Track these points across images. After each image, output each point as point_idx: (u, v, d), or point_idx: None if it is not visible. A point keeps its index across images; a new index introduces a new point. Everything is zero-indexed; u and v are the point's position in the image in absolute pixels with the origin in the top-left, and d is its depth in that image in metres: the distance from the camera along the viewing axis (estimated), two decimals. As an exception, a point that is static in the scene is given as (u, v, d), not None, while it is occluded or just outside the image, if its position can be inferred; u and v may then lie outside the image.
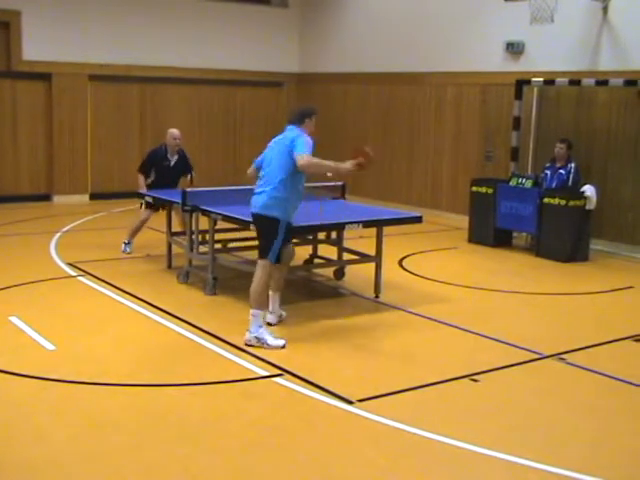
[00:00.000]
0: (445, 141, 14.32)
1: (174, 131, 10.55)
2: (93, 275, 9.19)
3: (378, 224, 8.61)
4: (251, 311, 6.93)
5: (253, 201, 7.10)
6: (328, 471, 4.80)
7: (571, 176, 11.17)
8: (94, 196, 15.28)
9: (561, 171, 11.27)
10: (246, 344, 6.86)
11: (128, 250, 10.46)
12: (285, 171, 6.95)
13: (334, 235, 9.44)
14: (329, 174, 7.48)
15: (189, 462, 4.79)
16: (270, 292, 7.36)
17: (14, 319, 7.44)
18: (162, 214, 9.87)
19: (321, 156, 7.05)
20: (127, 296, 8.39)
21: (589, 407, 5.92)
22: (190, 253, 9.00)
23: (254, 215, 7.11)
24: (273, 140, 7.33)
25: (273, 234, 6.94)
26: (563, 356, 6.87)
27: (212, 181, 15.23)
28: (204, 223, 8.83)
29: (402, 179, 15.12)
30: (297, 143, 6.89)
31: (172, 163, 10.50)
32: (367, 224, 8.43)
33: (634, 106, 11.37)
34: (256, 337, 6.86)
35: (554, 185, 11.25)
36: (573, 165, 11.25)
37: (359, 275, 9.29)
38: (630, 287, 9.57)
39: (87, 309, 8.00)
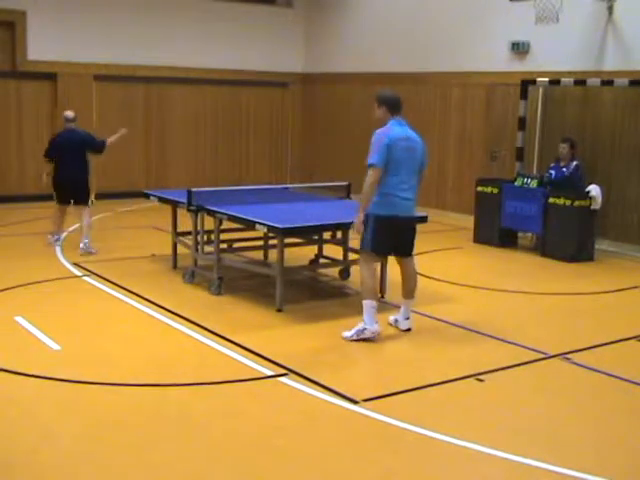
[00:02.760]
0: (450, 141, 14.32)
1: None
2: (98, 275, 9.20)
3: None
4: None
5: (405, 207, 7.16)
6: (333, 471, 4.80)
7: (570, 171, 11.16)
8: (99, 196, 15.21)
9: (564, 170, 11.28)
10: None
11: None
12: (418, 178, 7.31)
13: (339, 235, 9.43)
14: None
15: (194, 462, 4.80)
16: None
17: (19, 319, 7.45)
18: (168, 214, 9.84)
19: (327, 155, 7.09)
20: (132, 296, 8.40)
21: (594, 407, 5.91)
22: (196, 253, 9.01)
23: (411, 219, 7.31)
24: (401, 134, 7.24)
25: None
26: (568, 356, 6.86)
27: (217, 181, 15.32)
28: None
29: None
30: (426, 154, 7.36)
31: None
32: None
33: (639, 106, 11.36)
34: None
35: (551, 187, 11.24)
36: (575, 163, 11.25)
37: (364, 275, 9.27)
38: (635, 287, 9.55)
39: (92, 309, 8.01)
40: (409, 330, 7.44)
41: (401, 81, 15.04)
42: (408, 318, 7.48)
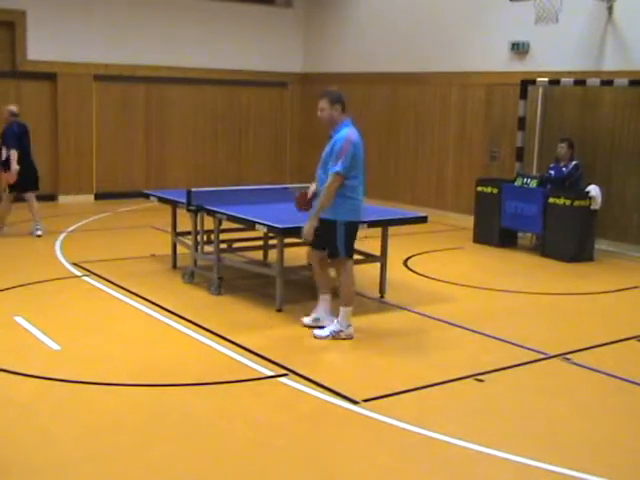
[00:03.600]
0: (450, 141, 14.32)
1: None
2: (98, 275, 9.20)
3: (383, 224, 8.61)
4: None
5: (364, 209, 7.26)
6: (333, 471, 4.80)
7: (569, 170, 11.16)
8: (99, 196, 15.30)
9: (563, 169, 11.28)
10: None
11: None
12: None
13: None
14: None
15: (194, 462, 4.80)
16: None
17: (19, 319, 7.45)
18: (168, 214, 9.84)
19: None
20: (132, 296, 8.40)
21: (594, 407, 5.91)
22: (195, 253, 9.00)
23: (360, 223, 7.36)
24: (358, 135, 7.14)
25: None
26: (568, 356, 6.86)
27: (217, 181, 15.31)
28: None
29: (407, 179, 15.12)
30: None
31: None
32: (372, 224, 8.43)
33: (639, 106, 11.36)
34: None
35: (548, 186, 11.24)
36: (574, 162, 11.25)
37: (364, 275, 9.28)
38: (635, 287, 9.56)
39: (92, 309, 8.01)
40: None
41: (401, 81, 15.07)
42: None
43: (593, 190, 10.88)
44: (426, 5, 14.57)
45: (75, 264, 9.71)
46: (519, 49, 12.91)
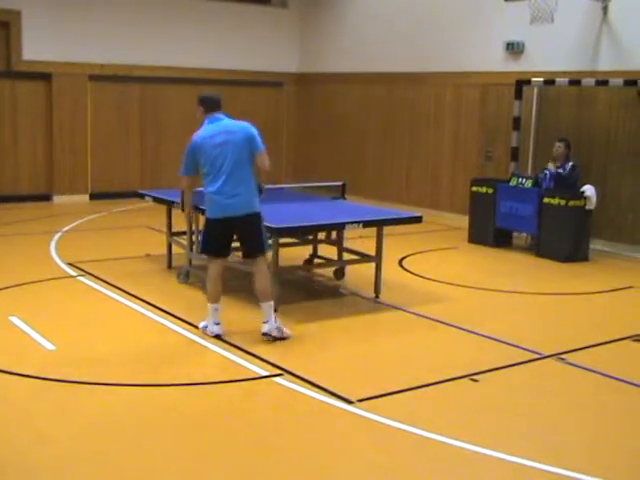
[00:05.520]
0: (445, 141, 14.32)
1: None
2: (93, 275, 9.19)
3: (378, 224, 8.61)
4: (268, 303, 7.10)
5: (232, 206, 6.85)
6: (328, 471, 4.80)
7: (567, 171, 11.16)
8: (94, 196, 15.28)
9: (560, 170, 11.29)
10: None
11: None
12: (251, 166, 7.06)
13: (334, 235, 9.44)
14: None
15: (190, 462, 4.80)
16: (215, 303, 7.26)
17: (14, 319, 7.44)
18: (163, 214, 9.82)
19: (321, 155, 7.05)
20: (127, 296, 8.39)
21: (589, 407, 5.92)
22: (190, 253, 9.00)
23: (247, 216, 6.93)
24: (212, 131, 7.10)
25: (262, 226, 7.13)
26: (563, 356, 6.87)
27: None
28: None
29: (402, 179, 15.13)
30: (254, 139, 7.07)
31: None
32: (367, 224, 8.44)
33: (634, 106, 11.37)
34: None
35: (552, 185, 11.24)
36: (570, 163, 11.26)
37: (359, 275, 9.29)
38: (629, 287, 9.57)
39: (87, 309, 8.00)
40: (268, 336, 7.07)
41: (396, 81, 15.07)
42: (266, 321, 7.10)
43: (588, 190, 10.90)
44: (422, 5, 14.57)
45: (70, 264, 9.70)
46: (514, 49, 12.92)
